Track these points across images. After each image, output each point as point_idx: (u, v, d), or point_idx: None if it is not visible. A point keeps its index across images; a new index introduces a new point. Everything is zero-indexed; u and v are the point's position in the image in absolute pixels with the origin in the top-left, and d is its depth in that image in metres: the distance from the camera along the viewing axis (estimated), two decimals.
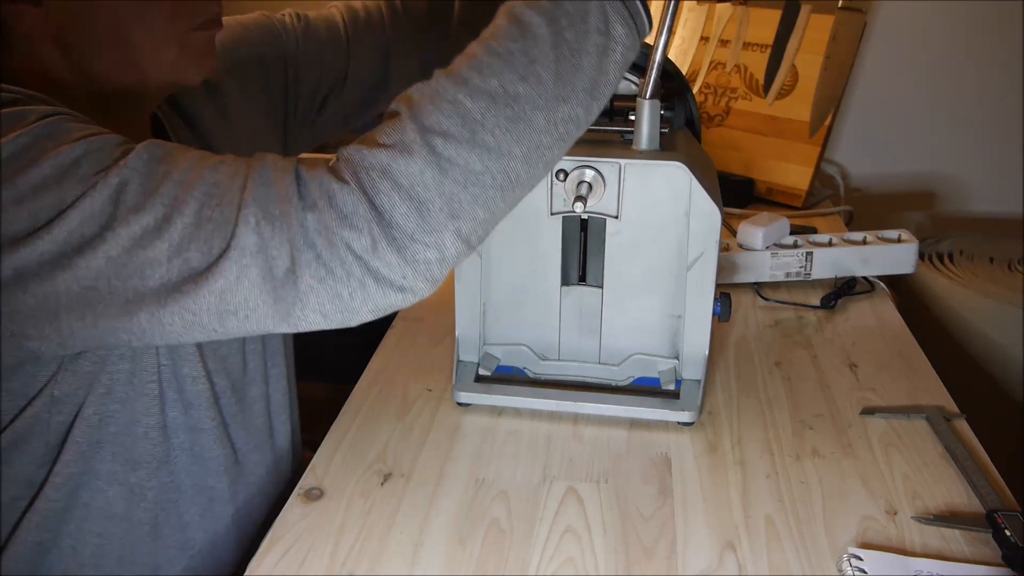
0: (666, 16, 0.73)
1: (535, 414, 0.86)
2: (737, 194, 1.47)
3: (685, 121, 0.89)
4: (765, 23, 1.43)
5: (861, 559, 0.66)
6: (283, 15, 0.94)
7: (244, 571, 0.67)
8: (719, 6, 1.37)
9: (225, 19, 0.91)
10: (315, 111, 0.96)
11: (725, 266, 1.11)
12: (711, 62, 1.48)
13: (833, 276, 1.13)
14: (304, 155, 0.62)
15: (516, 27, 0.58)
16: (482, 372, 0.88)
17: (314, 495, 0.75)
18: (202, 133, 0.83)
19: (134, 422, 0.71)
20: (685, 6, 1.37)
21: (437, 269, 0.57)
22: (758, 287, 1.13)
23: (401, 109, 0.57)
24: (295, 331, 0.59)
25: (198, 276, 0.56)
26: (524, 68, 0.56)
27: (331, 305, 0.57)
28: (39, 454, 0.68)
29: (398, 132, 0.56)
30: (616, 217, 0.80)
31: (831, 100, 1.43)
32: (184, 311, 0.57)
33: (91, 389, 0.67)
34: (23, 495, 0.69)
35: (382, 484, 0.76)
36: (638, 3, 0.60)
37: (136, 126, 0.74)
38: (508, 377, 0.88)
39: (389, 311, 0.59)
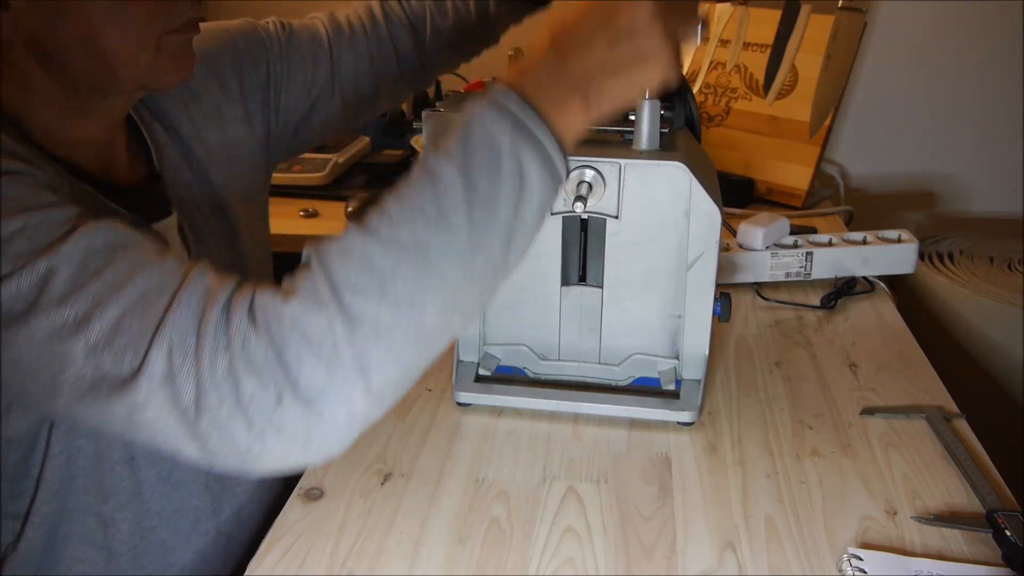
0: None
1: (535, 414, 0.86)
2: (737, 194, 1.47)
3: (685, 121, 0.89)
4: (765, 23, 1.43)
5: (861, 559, 0.66)
6: (267, 23, 0.94)
7: (242, 572, 0.67)
8: (719, 6, 1.36)
9: (210, 24, 0.90)
10: (300, 118, 0.95)
11: (725, 266, 1.11)
12: (711, 62, 1.48)
13: (833, 276, 1.13)
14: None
15: (428, 177, 0.56)
16: (482, 372, 0.88)
17: (314, 495, 0.75)
18: (179, 136, 0.82)
19: (101, 456, 0.70)
20: None
21: (345, 428, 0.55)
22: (758, 287, 1.13)
23: (312, 261, 0.56)
24: (203, 464, 0.56)
25: (111, 384, 0.54)
26: (436, 219, 0.55)
27: (229, 450, 0.55)
28: None
29: (309, 285, 0.54)
30: (616, 217, 0.80)
31: (831, 100, 1.43)
32: (97, 411, 0.55)
33: (54, 427, 0.66)
34: None
35: (382, 484, 0.76)
36: (555, 147, 0.58)
37: (110, 128, 0.73)
38: (508, 377, 0.88)
39: (291, 469, 0.57)
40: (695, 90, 1.50)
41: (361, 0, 0.99)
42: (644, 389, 0.85)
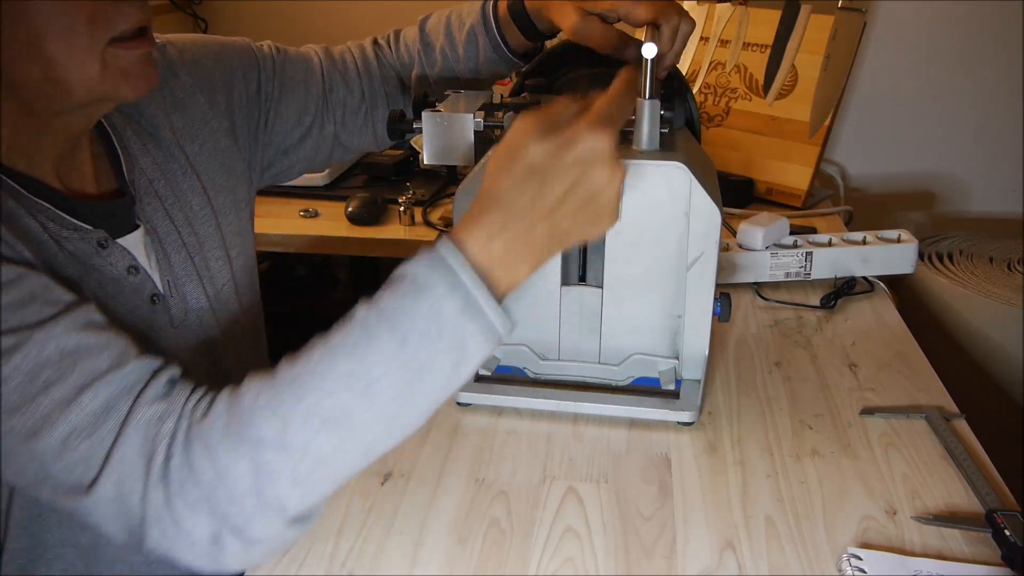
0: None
1: (535, 414, 0.86)
2: (737, 194, 1.47)
3: (685, 121, 0.89)
4: (765, 23, 1.43)
5: (861, 559, 0.66)
6: (261, 44, 0.94)
7: (242, 572, 0.67)
8: (719, 6, 1.37)
9: (205, 36, 0.91)
10: (292, 143, 0.95)
11: (725, 266, 1.11)
12: (711, 62, 1.48)
13: (833, 276, 1.13)
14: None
15: (365, 340, 0.58)
16: (482, 372, 0.88)
17: None
18: (160, 144, 0.81)
19: None
20: (684, 6, 1.38)
21: (279, 544, 0.60)
22: (758, 287, 1.13)
23: (244, 404, 0.58)
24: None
25: (62, 490, 0.58)
26: (364, 388, 0.57)
27: (173, 561, 0.59)
28: None
29: (237, 435, 0.57)
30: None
31: (831, 100, 1.43)
32: (54, 500, 0.60)
33: None
34: None
35: (382, 484, 0.76)
36: (501, 318, 0.59)
37: (70, 143, 0.72)
38: (508, 377, 0.88)
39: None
40: (695, 90, 1.50)
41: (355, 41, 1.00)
42: (644, 389, 0.85)
